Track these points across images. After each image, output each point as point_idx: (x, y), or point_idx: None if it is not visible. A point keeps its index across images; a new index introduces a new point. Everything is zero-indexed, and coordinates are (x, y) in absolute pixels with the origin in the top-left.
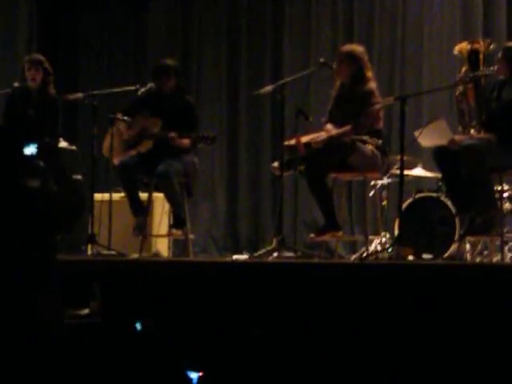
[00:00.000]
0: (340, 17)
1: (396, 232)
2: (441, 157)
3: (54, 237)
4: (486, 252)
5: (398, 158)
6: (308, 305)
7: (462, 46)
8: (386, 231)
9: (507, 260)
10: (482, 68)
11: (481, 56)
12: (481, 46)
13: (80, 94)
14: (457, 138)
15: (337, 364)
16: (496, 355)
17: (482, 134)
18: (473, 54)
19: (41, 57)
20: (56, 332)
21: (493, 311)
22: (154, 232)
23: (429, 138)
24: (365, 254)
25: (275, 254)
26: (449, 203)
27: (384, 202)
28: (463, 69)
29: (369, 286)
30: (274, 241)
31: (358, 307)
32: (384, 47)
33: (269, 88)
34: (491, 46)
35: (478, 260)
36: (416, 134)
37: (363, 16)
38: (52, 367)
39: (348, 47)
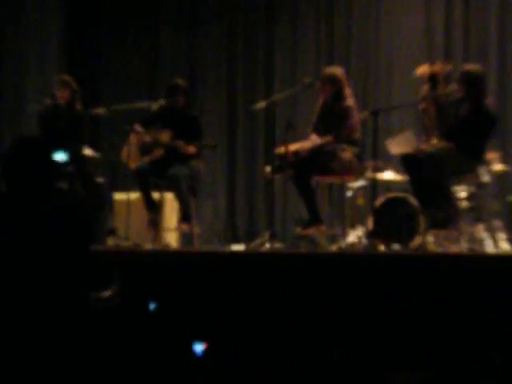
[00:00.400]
0: (322, 42)
1: (370, 226)
2: (408, 162)
3: (86, 229)
4: (445, 243)
5: (372, 163)
6: (295, 287)
7: (424, 69)
8: (361, 225)
9: (464, 250)
10: (440, 87)
11: (439, 77)
12: (439, 68)
13: (102, 109)
14: (422, 146)
15: (318, 336)
16: (453, 328)
17: (443, 144)
18: (432, 75)
19: (68, 77)
20: (88, 307)
21: (450, 292)
22: (165, 226)
23: (397, 146)
24: (343, 245)
25: (268, 245)
26: (414, 202)
27: (359, 201)
28: (424, 87)
29: (347, 271)
30: (267, 233)
31: (337, 289)
32: (360, 68)
33: (262, 104)
34: (448, 68)
35: (439, 250)
36: (387, 143)
37: (342, 41)
38: (82, 338)
39: (330, 70)
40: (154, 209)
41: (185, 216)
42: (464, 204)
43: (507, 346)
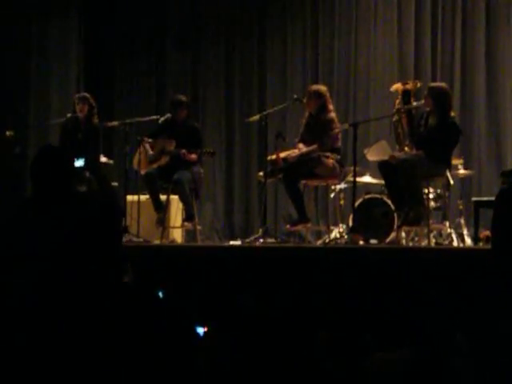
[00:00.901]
0: (308, 62)
1: (350, 223)
2: (384, 168)
3: (115, 231)
4: (416, 238)
5: (352, 168)
6: (285, 277)
7: (397, 86)
8: (342, 223)
9: (432, 244)
10: (412, 102)
11: (411, 93)
12: (410, 85)
13: (116, 122)
14: (396, 154)
15: (305, 321)
16: (424, 313)
17: (414, 151)
18: (405, 92)
19: (87, 94)
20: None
21: (420, 280)
22: (171, 224)
23: (374, 154)
24: (327, 240)
25: (261, 240)
26: (389, 202)
27: (341, 201)
28: (396, 102)
29: (330, 263)
30: (260, 230)
31: (321, 278)
32: (341, 86)
33: (256, 117)
34: (418, 85)
35: (410, 244)
36: (365, 151)
37: (326, 62)
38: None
39: (315, 86)
40: (162, 209)
41: (188, 215)
42: (432, 204)
43: (473, 330)
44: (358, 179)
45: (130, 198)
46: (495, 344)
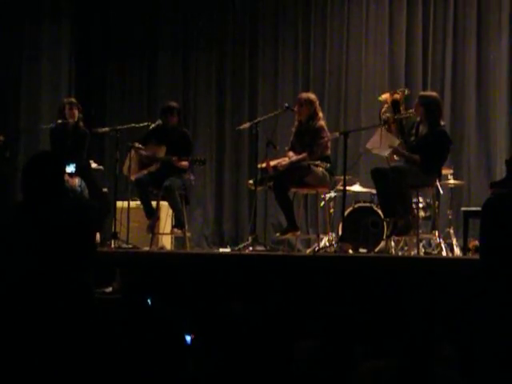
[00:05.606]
0: (299, 71)
1: (340, 232)
2: (376, 175)
3: (92, 232)
4: (405, 248)
5: (342, 177)
6: (274, 285)
7: (386, 96)
8: (332, 231)
9: (421, 254)
10: (402, 111)
11: (400, 102)
12: (399, 95)
13: (107, 128)
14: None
15: (289, 328)
16: (411, 321)
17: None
18: (394, 102)
19: (74, 99)
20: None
21: (409, 289)
22: (161, 231)
23: (377, 146)
24: (317, 249)
25: (250, 248)
26: (379, 211)
27: (331, 210)
28: (382, 110)
29: (319, 272)
30: (250, 238)
31: (310, 287)
32: (332, 94)
33: (246, 125)
34: (406, 92)
35: (400, 253)
36: (367, 145)
37: (317, 70)
38: (86, 327)
39: (306, 94)
40: (152, 215)
41: (178, 222)
42: (422, 213)
43: (461, 338)
44: (348, 188)
45: (119, 204)
46: (483, 354)
